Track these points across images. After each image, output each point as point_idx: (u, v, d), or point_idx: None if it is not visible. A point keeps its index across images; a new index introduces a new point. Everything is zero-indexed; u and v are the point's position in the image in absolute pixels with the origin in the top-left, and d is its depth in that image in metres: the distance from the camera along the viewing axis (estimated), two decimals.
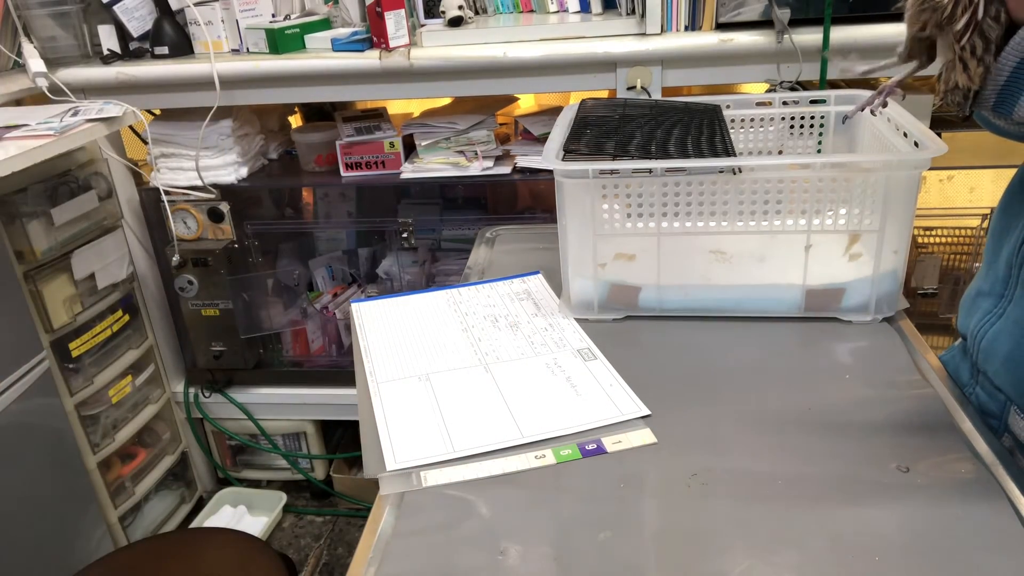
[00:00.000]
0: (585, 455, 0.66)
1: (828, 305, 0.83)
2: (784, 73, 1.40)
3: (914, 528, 0.56)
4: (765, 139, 1.01)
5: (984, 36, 0.54)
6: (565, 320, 0.88)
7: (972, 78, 0.55)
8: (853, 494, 0.60)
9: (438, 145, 1.63)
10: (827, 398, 0.72)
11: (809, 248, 0.81)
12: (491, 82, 1.49)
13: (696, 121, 0.92)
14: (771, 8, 1.34)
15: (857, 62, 0.74)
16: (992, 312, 0.71)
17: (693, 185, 0.79)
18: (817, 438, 0.67)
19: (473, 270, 1.05)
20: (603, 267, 0.85)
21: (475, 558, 0.56)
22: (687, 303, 0.86)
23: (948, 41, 0.56)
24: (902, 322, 0.83)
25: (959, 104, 0.58)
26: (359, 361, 0.83)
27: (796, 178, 0.78)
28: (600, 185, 0.80)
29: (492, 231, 1.16)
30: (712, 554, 0.55)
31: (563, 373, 0.78)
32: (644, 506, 0.61)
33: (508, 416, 0.71)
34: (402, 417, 0.72)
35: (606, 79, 1.46)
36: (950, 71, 0.57)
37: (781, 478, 0.62)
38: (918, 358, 0.77)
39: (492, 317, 0.90)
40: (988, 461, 0.62)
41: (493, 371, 0.79)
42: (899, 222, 0.79)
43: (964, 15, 0.53)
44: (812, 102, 0.99)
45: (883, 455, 0.64)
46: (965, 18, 0.53)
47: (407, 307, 0.94)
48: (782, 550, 0.55)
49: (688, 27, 1.43)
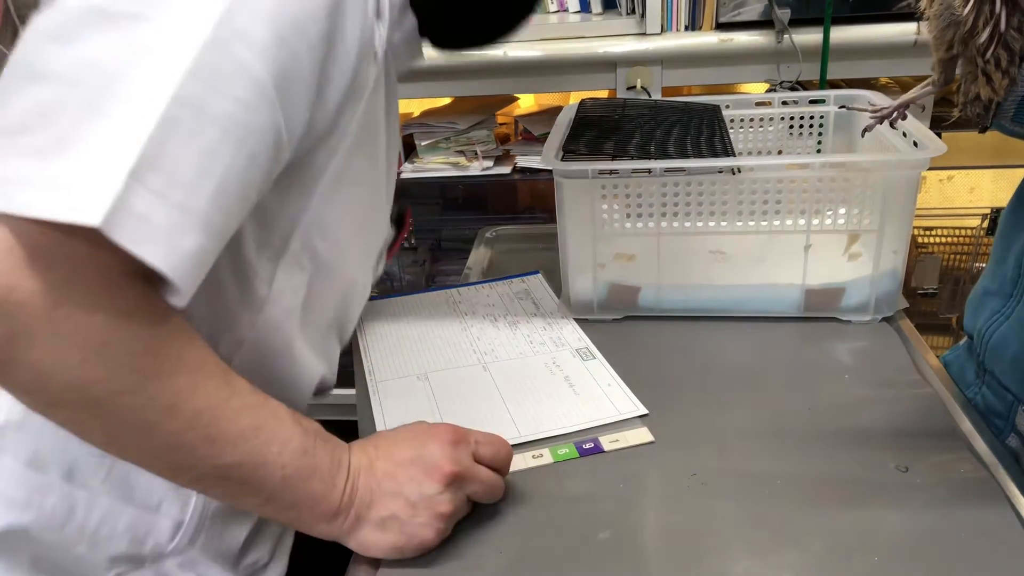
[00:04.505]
0: (583, 454, 0.66)
1: (827, 305, 0.83)
2: (784, 73, 1.40)
3: (914, 528, 0.56)
4: (765, 139, 1.01)
5: (1008, 47, 0.53)
6: (564, 320, 0.88)
7: (997, 90, 0.55)
8: (852, 494, 0.60)
9: (438, 145, 1.63)
10: (826, 398, 0.72)
11: (808, 248, 0.81)
12: (491, 82, 1.48)
13: (696, 121, 0.92)
14: (771, 8, 1.34)
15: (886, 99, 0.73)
16: (1000, 312, 0.71)
17: (692, 185, 0.79)
18: (816, 438, 0.67)
19: (473, 270, 1.05)
20: (603, 267, 0.85)
21: (472, 558, 0.56)
22: (686, 303, 0.86)
23: (969, 54, 0.55)
24: (902, 322, 0.83)
25: (979, 116, 0.58)
26: (358, 360, 0.83)
27: (795, 178, 0.78)
28: (599, 185, 0.80)
29: (492, 231, 1.16)
30: (712, 554, 0.55)
31: (561, 372, 0.78)
32: (643, 505, 0.61)
33: (506, 415, 0.71)
34: (400, 416, 0.72)
35: (606, 79, 1.46)
36: (970, 83, 0.56)
37: (780, 478, 0.62)
38: (918, 358, 0.77)
39: (491, 316, 0.90)
40: (988, 461, 0.62)
41: (491, 370, 0.79)
42: (899, 222, 0.79)
43: (987, 28, 0.52)
44: (812, 102, 0.99)
45: (882, 455, 0.63)
46: (988, 31, 0.52)
47: (406, 307, 0.94)
48: (782, 550, 0.55)
49: (688, 27, 1.43)
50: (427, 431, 0.59)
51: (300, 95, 0.51)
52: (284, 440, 0.53)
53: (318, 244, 0.62)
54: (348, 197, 0.62)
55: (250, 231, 0.57)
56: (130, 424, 0.48)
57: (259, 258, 0.59)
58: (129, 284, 0.46)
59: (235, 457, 0.51)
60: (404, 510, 0.55)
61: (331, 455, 0.55)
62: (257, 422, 0.52)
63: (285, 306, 0.62)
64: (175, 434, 0.49)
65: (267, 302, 0.60)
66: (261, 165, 0.50)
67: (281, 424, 0.53)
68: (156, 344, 0.47)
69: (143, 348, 0.47)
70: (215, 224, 0.47)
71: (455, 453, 0.57)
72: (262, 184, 0.51)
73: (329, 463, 0.55)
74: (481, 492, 0.59)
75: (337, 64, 0.54)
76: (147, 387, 0.47)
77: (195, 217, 0.45)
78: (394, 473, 0.56)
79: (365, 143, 0.62)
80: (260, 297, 0.60)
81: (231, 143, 0.47)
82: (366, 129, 0.61)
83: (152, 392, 0.47)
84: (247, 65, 0.47)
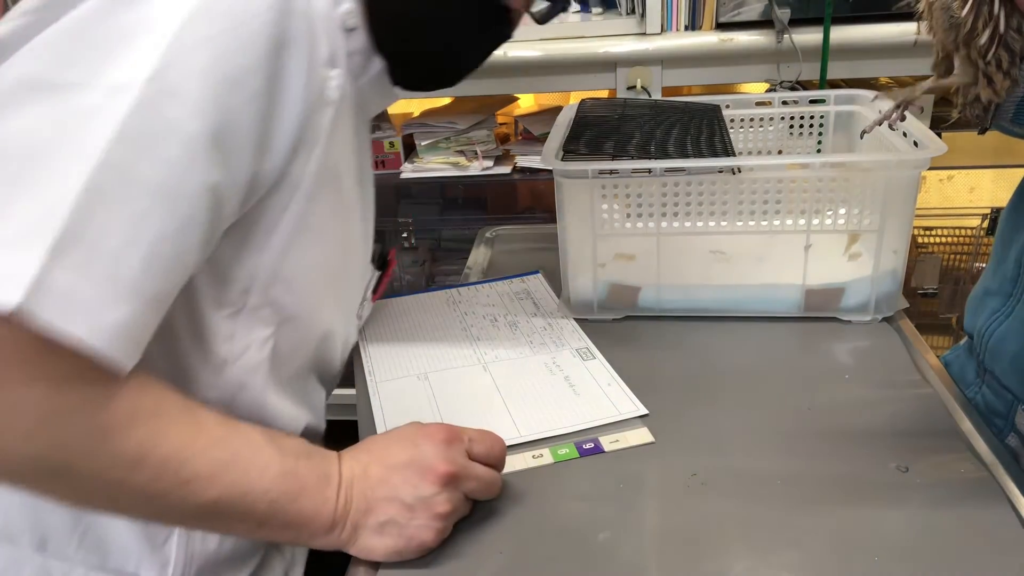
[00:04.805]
0: (583, 454, 0.66)
1: (828, 305, 0.83)
2: (784, 73, 1.40)
3: (914, 528, 0.56)
4: (765, 139, 1.01)
5: (1009, 48, 0.53)
6: (564, 320, 0.88)
7: (998, 92, 0.55)
8: (853, 494, 0.60)
9: (438, 145, 1.63)
10: (826, 398, 0.72)
11: (809, 248, 0.81)
12: (491, 82, 1.49)
13: (696, 121, 0.92)
14: (771, 8, 1.34)
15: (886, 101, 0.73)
16: (1000, 311, 0.71)
17: (692, 185, 0.79)
18: (816, 438, 0.67)
19: (473, 270, 1.05)
20: (603, 267, 0.85)
21: (472, 558, 0.56)
22: (687, 303, 0.86)
23: (969, 56, 0.55)
24: (902, 322, 0.83)
25: (979, 117, 0.58)
26: (358, 360, 0.83)
27: (795, 178, 0.78)
28: (599, 185, 0.80)
29: (492, 231, 1.16)
30: (712, 554, 0.55)
31: (561, 372, 0.78)
32: (643, 506, 0.61)
33: (506, 415, 0.71)
34: (400, 416, 0.72)
35: (606, 79, 1.46)
36: (970, 85, 0.56)
37: (780, 478, 0.62)
38: (918, 358, 0.77)
39: (491, 316, 0.90)
40: (988, 461, 0.62)
41: (491, 370, 0.79)
42: (899, 222, 0.79)
43: (986, 29, 0.52)
44: (812, 102, 0.99)
45: (883, 455, 0.63)
46: (988, 32, 0.52)
47: (406, 307, 0.94)
48: (782, 550, 0.55)
49: (688, 27, 1.43)
50: (419, 432, 0.58)
51: (241, 149, 0.51)
52: (262, 466, 0.52)
53: (282, 297, 0.60)
54: (312, 247, 0.61)
55: (206, 289, 0.56)
56: (98, 485, 0.48)
57: (216, 315, 0.57)
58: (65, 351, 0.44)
59: (215, 493, 0.50)
60: (401, 513, 0.55)
61: (317, 471, 0.55)
62: (230, 454, 0.51)
63: (249, 363, 0.60)
64: (147, 484, 0.48)
65: (228, 362, 0.59)
66: (199, 224, 0.49)
67: (257, 451, 0.53)
68: (106, 403, 0.46)
69: (92, 409, 0.46)
70: (147, 291, 0.46)
71: (449, 452, 0.57)
72: (203, 244, 0.50)
73: (316, 479, 0.54)
74: (478, 489, 0.58)
75: (281, 116, 0.53)
76: (105, 447, 0.47)
77: (123, 287, 0.45)
78: (388, 477, 0.56)
79: (327, 190, 0.60)
80: (220, 357, 0.59)
81: (161, 206, 0.47)
82: (326, 176, 0.59)
83: (112, 451, 0.47)
84: (179, 124, 0.47)
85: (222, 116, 0.49)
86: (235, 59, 0.49)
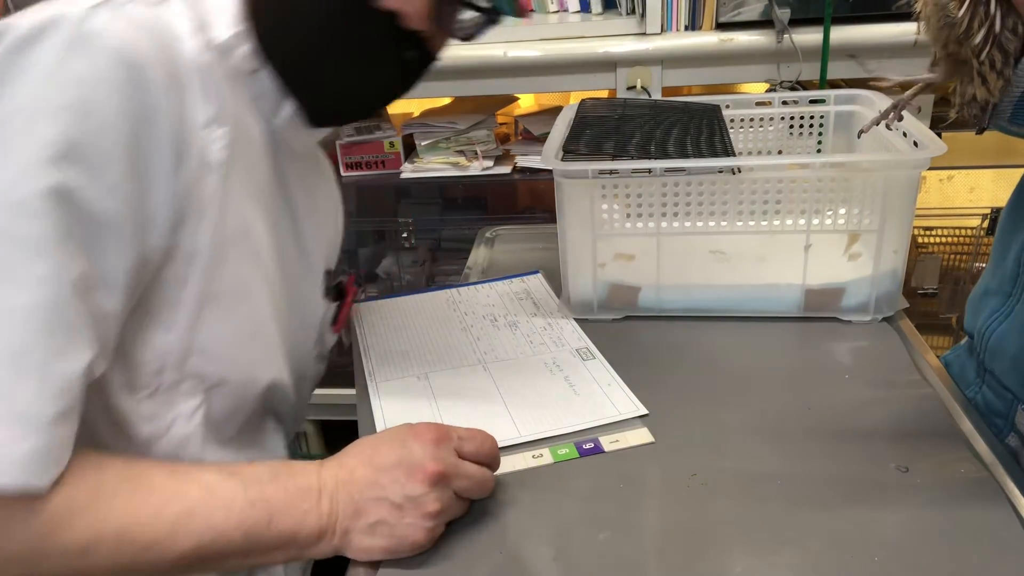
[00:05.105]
0: (583, 454, 0.66)
1: (828, 305, 0.83)
2: (784, 73, 1.40)
3: (914, 528, 0.56)
4: (765, 139, 1.01)
5: (1003, 49, 0.53)
6: (564, 320, 0.88)
7: (992, 91, 0.55)
8: (852, 494, 0.60)
9: (438, 145, 1.63)
10: (826, 398, 0.72)
11: (809, 248, 0.81)
12: (491, 82, 1.48)
13: (695, 121, 0.92)
14: (771, 8, 1.34)
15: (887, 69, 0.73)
16: (1000, 311, 0.71)
17: (692, 185, 0.79)
18: (816, 438, 0.67)
19: (473, 270, 1.05)
20: (603, 267, 0.85)
21: (472, 558, 0.56)
22: (687, 303, 0.86)
23: (965, 55, 0.55)
24: (902, 322, 0.83)
25: (976, 117, 0.58)
26: (358, 360, 0.83)
27: (795, 178, 0.78)
28: (599, 185, 0.80)
29: (492, 231, 1.16)
30: (712, 554, 0.55)
31: (561, 372, 0.78)
32: (643, 506, 0.61)
33: (506, 415, 0.71)
34: (400, 416, 0.72)
35: (606, 79, 1.46)
36: (966, 84, 0.56)
37: (780, 478, 0.62)
38: (918, 358, 0.77)
39: (491, 316, 0.90)
40: (988, 461, 0.62)
41: (491, 370, 0.79)
42: (899, 222, 0.79)
43: (981, 29, 0.52)
44: (812, 102, 0.99)
45: (882, 455, 0.63)
46: (983, 32, 0.52)
47: (407, 307, 0.94)
48: (781, 550, 0.55)
49: (688, 27, 1.43)
50: (408, 432, 0.58)
51: (108, 239, 0.50)
52: (226, 505, 0.52)
53: (203, 368, 0.59)
54: (227, 313, 0.59)
55: (115, 377, 0.56)
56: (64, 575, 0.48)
57: (131, 400, 0.57)
58: None
59: (185, 545, 0.50)
60: (391, 513, 0.55)
61: (288, 488, 0.54)
62: (186, 506, 0.51)
63: (177, 436, 0.60)
64: (108, 561, 0.49)
65: (154, 440, 0.59)
66: (81, 329, 0.48)
67: (215, 492, 0.52)
68: (38, 510, 0.47)
69: (24, 519, 0.46)
70: (47, 414, 0.46)
71: (437, 451, 0.56)
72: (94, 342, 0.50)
73: (288, 497, 0.54)
74: (470, 488, 0.58)
75: (153, 192, 0.52)
76: (53, 546, 0.47)
77: (22, 420, 0.45)
78: (377, 478, 0.55)
79: (236, 252, 0.59)
80: (142, 438, 0.58)
81: (35, 329, 0.46)
82: (231, 239, 0.58)
83: (61, 546, 0.47)
84: (28, 238, 0.46)
85: (75, 211, 0.48)
86: (88, 145, 0.48)
